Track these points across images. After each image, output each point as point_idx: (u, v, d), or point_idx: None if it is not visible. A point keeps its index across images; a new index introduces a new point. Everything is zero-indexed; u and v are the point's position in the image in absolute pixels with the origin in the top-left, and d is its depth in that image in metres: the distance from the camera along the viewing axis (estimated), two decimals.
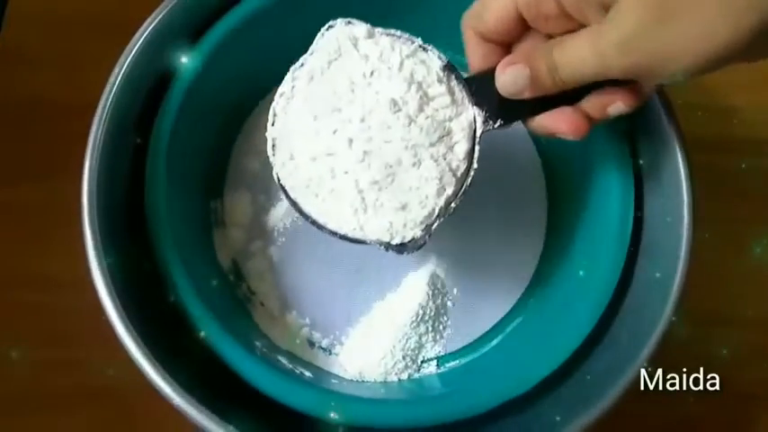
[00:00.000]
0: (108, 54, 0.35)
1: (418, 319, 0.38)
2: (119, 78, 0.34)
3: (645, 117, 0.36)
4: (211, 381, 0.32)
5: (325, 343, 0.39)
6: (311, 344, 0.39)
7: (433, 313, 0.39)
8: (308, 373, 0.37)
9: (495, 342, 0.39)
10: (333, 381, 0.37)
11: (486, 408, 0.34)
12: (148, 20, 0.35)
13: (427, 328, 0.39)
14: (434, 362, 0.39)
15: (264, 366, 0.33)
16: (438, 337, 0.39)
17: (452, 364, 0.39)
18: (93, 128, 0.33)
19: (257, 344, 0.36)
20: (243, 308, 0.39)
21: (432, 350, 0.39)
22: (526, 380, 0.34)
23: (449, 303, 0.40)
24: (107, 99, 0.34)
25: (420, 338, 0.39)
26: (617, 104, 0.29)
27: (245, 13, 0.38)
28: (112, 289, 0.31)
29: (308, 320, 0.39)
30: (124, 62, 0.35)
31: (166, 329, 0.33)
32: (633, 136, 0.38)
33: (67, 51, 0.45)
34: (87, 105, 0.34)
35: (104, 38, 0.36)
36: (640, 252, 0.36)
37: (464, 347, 0.39)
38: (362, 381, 0.38)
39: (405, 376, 0.38)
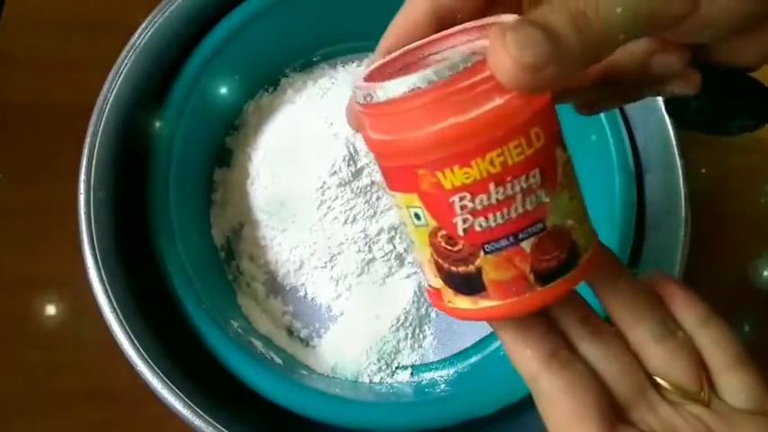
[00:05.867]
0: (106, 55, 0.35)
1: (399, 323, 0.38)
2: (118, 78, 0.35)
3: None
4: (211, 384, 0.33)
5: (304, 333, 0.39)
6: (290, 332, 0.39)
7: (415, 320, 0.38)
8: (278, 360, 0.36)
9: (473, 360, 0.39)
10: (302, 371, 0.37)
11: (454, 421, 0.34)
12: (146, 21, 0.36)
13: (407, 334, 0.38)
14: (409, 370, 0.38)
15: (226, 339, 0.34)
16: (416, 345, 0.39)
17: (427, 375, 0.39)
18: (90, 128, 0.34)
19: (233, 323, 0.36)
20: (229, 286, 0.39)
21: (408, 358, 0.38)
22: (496, 400, 0.34)
23: (432, 314, 0.39)
24: (104, 99, 0.35)
25: (398, 344, 0.38)
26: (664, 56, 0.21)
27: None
28: (109, 292, 0.32)
29: (291, 308, 0.39)
30: (122, 63, 0.35)
31: (165, 331, 0.34)
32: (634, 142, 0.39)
33: (66, 53, 0.45)
34: (86, 106, 0.34)
35: (102, 39, 0.36)
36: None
37: (441, 360, 0.39)
38: (333, 377, 0.37)
39: (377, 379, 0.38)
